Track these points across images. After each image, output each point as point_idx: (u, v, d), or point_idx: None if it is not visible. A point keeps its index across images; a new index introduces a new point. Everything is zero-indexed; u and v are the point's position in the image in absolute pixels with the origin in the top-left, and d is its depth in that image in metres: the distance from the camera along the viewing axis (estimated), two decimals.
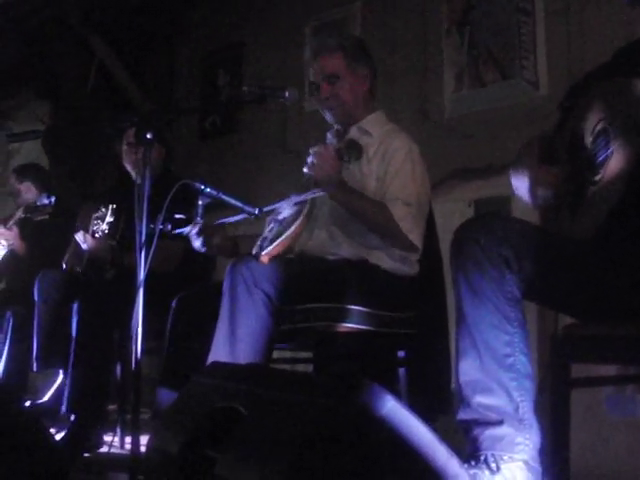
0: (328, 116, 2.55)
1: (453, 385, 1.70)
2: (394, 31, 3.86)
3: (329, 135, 2.64)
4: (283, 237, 2.23)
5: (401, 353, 2.42)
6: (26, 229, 4.02)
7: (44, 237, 3.98)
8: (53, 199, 3.86)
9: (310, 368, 2.66)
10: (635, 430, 2.58)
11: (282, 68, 4.22)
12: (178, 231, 2.47)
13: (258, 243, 2.31)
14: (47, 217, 3.99)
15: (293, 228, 2.26)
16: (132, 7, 4.77)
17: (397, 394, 2.34)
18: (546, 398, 1.67)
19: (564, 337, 1.67)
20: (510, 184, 1.85)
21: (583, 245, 1.60)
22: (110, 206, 2.96)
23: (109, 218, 2.93)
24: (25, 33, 4.99)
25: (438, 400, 2.37)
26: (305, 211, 2.31)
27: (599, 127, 1.66)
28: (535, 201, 1.78)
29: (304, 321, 2.18)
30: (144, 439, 1.71)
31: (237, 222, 2.45)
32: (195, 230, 2.45)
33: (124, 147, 3.37)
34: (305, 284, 2.18)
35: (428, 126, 3.57)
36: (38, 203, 3.94)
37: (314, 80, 2.51)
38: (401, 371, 2.39)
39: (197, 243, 2.49)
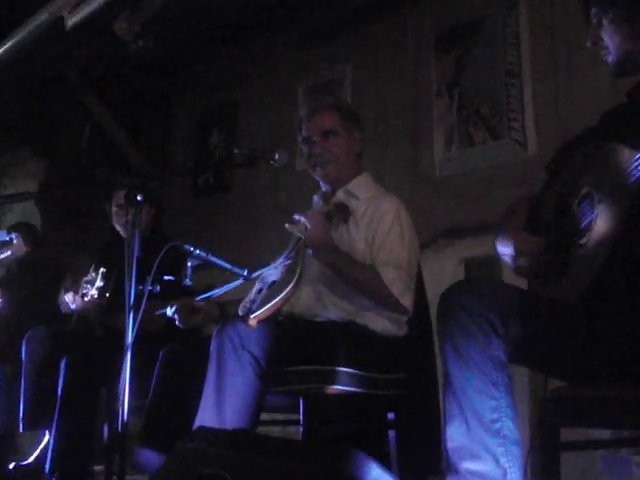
0: (318, 174, 2.55)
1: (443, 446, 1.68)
2: (384, 92, 3.93)
3: (316, 198, 2.64)
4: (273, 302, 2.20)
5: (390, 415, 2.39)
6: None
7: (19, 283, 3.99)
8: (14, 235, 3.86)
9: (299, 430, 2.63)
10: None
11: (275, 128, 4.27)
12: (160, 312, 2.52)
13: (247, 305, 2.30)
14: (9, 254, 3.99)
15: (284, 294, 2.23)
16: (129, 66, 4.85)
17: (387, 456, 2.31)
18: (537, 461, 1.65)
19: (552, 400, 1.65)
20: (496, 249, 1.86)
21: (569, 308, 1.60)
22: (100, 270, 2.97)
23: (99, 282, 2.93)
24: (23, 92, 5.06)
25: (428, 462, 2.33)
26: (296, 277, 2.29)
27: (584, 191, 1.68)
28: (518, 270, 1.79)
29: (292, 384, 2.16)
30: None
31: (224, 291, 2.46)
32: (172, 311, 2.49)
33: (114, 209, 3.39)
34: (293, 346, 2.16)
35: (419, 185, 3.61)
36: None
37: (309, 135, 2.51)
38: (391, 433, 2.36)
39: (177, 321, 2.52)
